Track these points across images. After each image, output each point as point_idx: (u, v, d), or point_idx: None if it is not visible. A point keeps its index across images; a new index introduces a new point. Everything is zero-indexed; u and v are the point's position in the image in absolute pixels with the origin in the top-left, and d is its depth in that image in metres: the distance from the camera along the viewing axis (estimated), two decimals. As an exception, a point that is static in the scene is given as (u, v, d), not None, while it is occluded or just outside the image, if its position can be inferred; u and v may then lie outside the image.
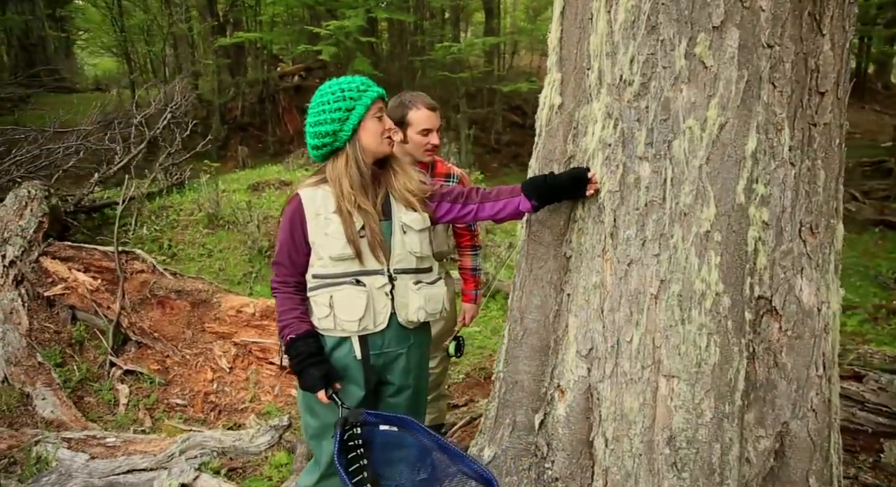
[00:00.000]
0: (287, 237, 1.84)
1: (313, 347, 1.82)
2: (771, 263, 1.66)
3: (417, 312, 1.89)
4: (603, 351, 1.89)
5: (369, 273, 1.83)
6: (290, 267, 1.85)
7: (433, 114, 2.36)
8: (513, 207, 1.88)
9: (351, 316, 1.80)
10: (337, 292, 1.80)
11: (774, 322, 1.72)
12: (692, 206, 1.64)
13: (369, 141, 1.81)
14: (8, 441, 3.00)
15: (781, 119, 1.60)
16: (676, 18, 1.59)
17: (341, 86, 1.80)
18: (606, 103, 1.75)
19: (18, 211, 4.63)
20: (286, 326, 1.84)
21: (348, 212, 1.78)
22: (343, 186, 1.80)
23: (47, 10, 18.15)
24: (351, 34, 11.03)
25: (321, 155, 1.85)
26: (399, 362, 1.94)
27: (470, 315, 2.68)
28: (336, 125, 1.77)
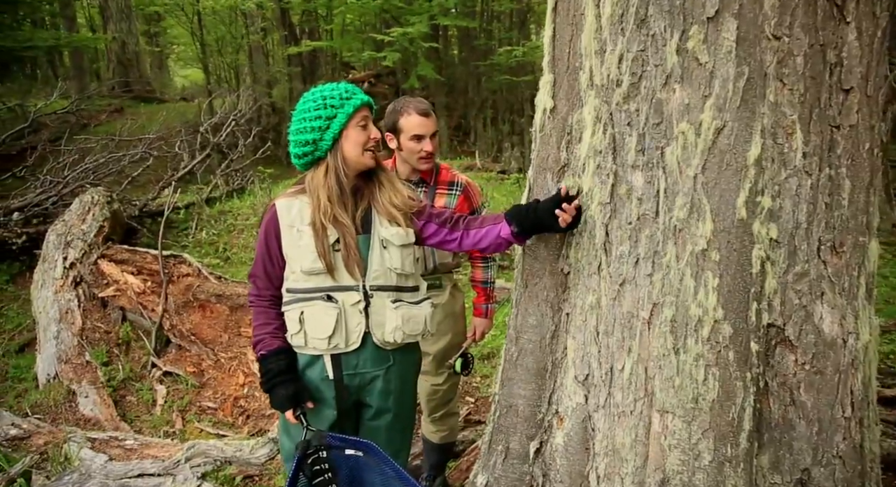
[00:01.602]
0: (262, 249, 1.79)
1: (283, 365, 1.76)
2: (782, 287, 1.44)
3: (394, 333, 1.77)
4: (598, 378, 1.73)
5: (342, 288, 1.74)
6: (266, 279, 1.80)
7: (425, 119, 2.25)
8: (494, 233, 1.77)
9: (320, 334, 1.72)
10: (307, 308, 1.73)
11: (789, 354, 1.49)
12: (686, 221, 1.45)
13: (350, 151, 1.73)
14: (45, 437, 3.15)
15: (792, 121, 1.38)
16: (668, 10, 1.41)
17: (324, 94, 1.72)
18: (595, 106, 1.59)
19: (82, 216, 4.93)
20: (259, 341, 1.78)
21: (322, 224, 1.70)
22: (320, 198, 1.72)
23: (143, 27, 19.54)
24: (415, 40, 11.09)
25: (303, 164, 1.78)
26: (376, 384, 1.84)
27: (481, 330, 2.55)
28: (316, 134, 1.70)
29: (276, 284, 1.80)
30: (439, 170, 2.40)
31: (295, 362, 1.80)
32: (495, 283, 2.61)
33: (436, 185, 2.37)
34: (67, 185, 5.55)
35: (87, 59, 18.07)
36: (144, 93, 16.47)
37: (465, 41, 15.23)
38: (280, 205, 1.77)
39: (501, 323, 4.44)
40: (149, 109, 13.96)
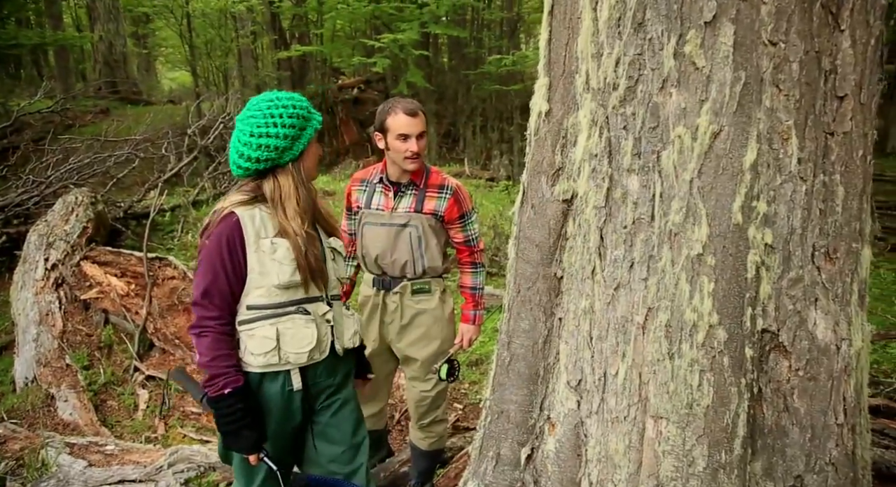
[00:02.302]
0: (223, 263, 1.62)
1: (250, 406, 1.67)
2: (777, 292, 1.44)
3: (353, 338, 1.85)
4: (591, 384, 1.71)
5: (313, 300, 1.74)
6: (223, 300, 1.64)
7: (412, 119, 2.24)
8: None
9: (301, 348, 1.69)
10: (283, 323, 1.67)
11: (783, 359, 1.49)
12: (682, 226, 1.45)
13: (310, 164, 1.75)
14: (22, 442, 3.07)
15: (788, 127, 1.38)
16: (665, 14, 1.41)
17: (292, 102, 1.69)
18: (591, 109, 1.58)
19: (65, 216, 4.85)
20: (220, 375, 1.62)
21: (295, 233, 1.66)
22: (289, 207, 1.67)
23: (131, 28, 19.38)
24: (405, 47, 11.11)
25: (256, 170, 1.68)
26: (326, 391, 1.86)
27: (468, 337, 2.52)
28: (286, 142, 1.65)
29: (235, 300, 1.68)
30: (429, 173, 2.39)
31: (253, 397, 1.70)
32: (484, 289, 2.59)
33: (426, 188, 2.35)
34: (50, 185, 5.46)
35: (72, 59, 17.87)
36: (131, 95, 16.32)
37: (455, 49, 15.29)
38: (242, 214, 1.66)
39: (490, 329, 4.42)
40: (135, 111, 13.82)
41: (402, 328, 2.47)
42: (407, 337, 2.47)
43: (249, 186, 1.71)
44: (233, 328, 1.69)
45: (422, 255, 2.36)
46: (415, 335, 2.47)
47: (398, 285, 2.41)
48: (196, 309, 1.66)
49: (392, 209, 2.36)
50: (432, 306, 2.45)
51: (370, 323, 2.50)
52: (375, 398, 2.66)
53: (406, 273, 2.39)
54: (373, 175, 2.42)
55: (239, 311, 1.69)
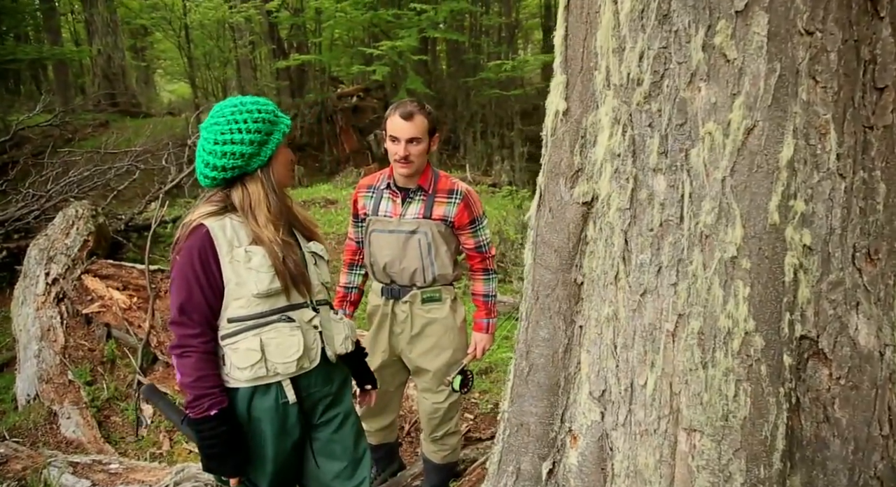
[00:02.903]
0: (195, 279, 1.55)
1: (235, 426, 1.60)
2: (816, 296, 1.36)
3: (344, 343, 1.78)
4: (616, 395, 1.63)
5: (296, 307, 1.67)
6: (202, 315, 1.57)
7: (404, 122, 2.15)
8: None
9: (288, 357, 1.61)
10: (266, 333, 1.60)
11: (823, 367, 1.41)
12: (714, 227, 1.37)
13: (280, 170, 1.67)
14: (24, 462, 2.99)
15: (826, 121, 1.31)
16: (692, 4, 1.34)
17: (258, 107, 1.62)
18: (614, 107, 1.51)
19: (65, 230, 4.78)
20: (204, 396, 1.55)
21: (270, 241, 1.60)
22: (259, 215, 1.61)
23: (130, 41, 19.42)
24: (404, 53, 11.08)
25: (223, 178, 1.61)
26: (323, 402, 1.78)
27: (482, 346, 2.44)
28: (253, 148, 1.58)
29: (216, 315, 1.60)
30: (438, 178, 2.31)
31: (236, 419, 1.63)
32: (497, 296, 2.52)
33: (434, 193, 2.28)
34: (51, 199, 5.40)
35: (71, 73, 17.90)
36: (130, 108, 16.32)
37: (453, 56, 15.28)
38: (212, 225, 1.59)
39: (500, 337, 4.34)
40: (135, 123, 13.81)
41: (412, 338, 2.39)
42: (417, 347, 2.40)
43: (218, 196, 1.65)
44: (216, 345, 1.62)
45: (431, 263, 2.29)
46: (426, 345, 2.39)
47: (407, 294, 2.34)
48: (175, 328, 1.59)
49: (400, 215, 2.28)
50: (443, 315, 2.38)
51: (379, 334, 2.43)
52: (386, 410, 2.58)
53: (415, 281, 2.32)
54: (380, 180, 2.35)
55: (220, 326, 1.62)
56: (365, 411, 2.56)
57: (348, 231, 2.48)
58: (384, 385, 2.50)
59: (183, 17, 11.58)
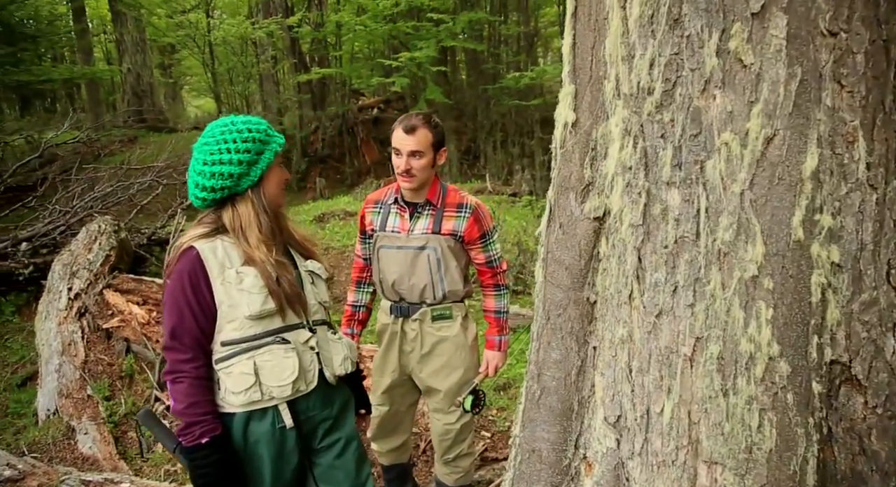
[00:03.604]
0: (188, 301, 1.51)
1: (229, 455, 1.54)
2: (847, 318, 1.25)
3: (344, 363, 1.72)
4: (632, 421, 1.54)
5: (292, 328, 1.61)
6: (194, 340, 1.52)
7: (407, 136, 2.10)
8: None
9: (283, 381, 1.56)
10: (260, 356, 1.55)
11: (857, 395, 1.30)
12: (733, 244, 1.28)
13: (273, 190, 1.63)
14: (40, 479, 2.99)
15: (854, 128, 1.21)
16: (705, 7, 1.26)
17: (248, 126, 1.57)
18: (624, 117, 1.43)
19: (88, 245, 4.83)
20: (196, 423, 1.50)
21: (263, 261, 1.55)
22: (251, 236, 1.57)
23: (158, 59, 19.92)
24: (423, 64, 11.10)
25: (214, 199, 1.57)
26: (323, 426, 1.72)
27: (494, 364, 2.36)
28: (242, 168, 1.54)
29: (209, 339, 1.55)
30: (446, 192, 2.25)
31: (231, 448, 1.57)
32: (508, 312, 2.43)
33: (443, 208, 2.21)
34: (76, 215, 5.48)
35: (103, 91, 18.41)
36: (157, 123, 16.68)
37: (473, 65, 15.28)
38: (202, 247, 1.54)
39: (518, 351, 4.24)
40: (161, 139, 14.09)
41: (422, 357, 2.32)
42: (428, 366, 2.33)
43: (210, 217, 1.61)
44: (210, 371, 1.56)
45: (441, 279, 2.22)
46: (436, 364, 2.32)
47: (417, 311, 2.27)
48: (167, 353, 1.54)
49: (408, 231, 2.22)
50: (454, 333, 2.30)
51: (389, 353, 2.36)
52: (397, 430, 2.51)
53: (425, 298, 2.25)
54: (387, 196, 2.29)
55: (214, 350, 1.57)
56: (376, 431, 2.49)
57: (356, 247, 2.43)
58: (395, 405, 2.43)
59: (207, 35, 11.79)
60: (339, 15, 12.04)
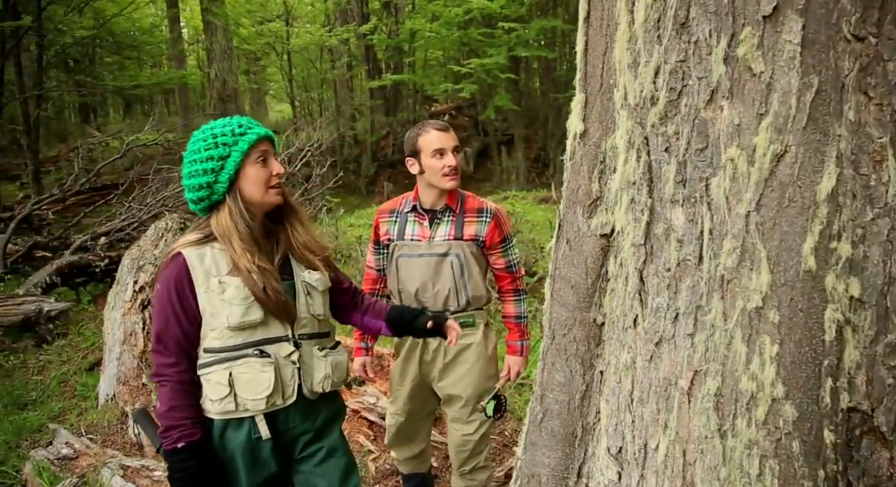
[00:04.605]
0: (172, 307, 1.52)
1: (204, 461, 1.53)
2: (869, 360, 1.10)
3: (323, 382, 1.64)
4: (631, 455, 1.43)
5: (273, 340, 1.57)
6: (182, 342, 1.54)
7: (444, 133, 2.14)
8: (374, 328, 1.95)
9: (257, 394, 1.53)
10: (237, 367, 1.53)
11: (882, 449, 1.14)
12: (736, 271, 1.16)
13: (252, 191, 1.56)
14: (91, 459, 3.17)
15: (882, 145, 1.07)
16: (714, 10, 1.15)
17: (214, 131, 1.55)
18: (628, 129, 1.33)
19: (155, 241, 5.12)
20: (175, 427, 1.51)
21: (247, 270, 1.52)
22: (234, 242, 1.54)
23: (245, 66, 21.02)
24: (492, 71, 11.07)
25: (201, 209, 1.59)
26: (303, 438, 1.68)
27: (516, 369, 2.34)
28: (210, 176, 1.52)
29: (194, 346, 1.56)
30: (465, 198, 2.24)
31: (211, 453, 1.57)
32: (528, 317, 2.39)
33: (463, 213, 2.19)
34: (149, 212, 5.83)
35: (193, 96, 19.61)
36: (240, 127, 17.58)
37: (545, 73, 15.08)
38: (189, 254, 1.54)
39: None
40: (243, 141, 14.80)
41: (445, 365, 2.29)
42: (451, 375, 2.29)
43: (204, 223, 1.61)
44: (191, 377, 1.57)
45: (465, 285, 2.20)
46: (459, 372, 2.28)
47: None
48: (154, 356, 1.57)
49: (430, 238, 2.20)
50: (477, 340, 2.28)
51: (408, 363, 2.34)
52: (415, 439, 2.48)
53: (449, 305, 2.23)
54: (402, 204, 2.28)
55: (199, 355, 1.58)
56: (393, 439, 2.48)
57: (367, 259, 2.43)
58: (413, 413, 2.41)
59: (286, 43, 12.30)
60: (412, 22, 12.22)
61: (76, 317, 5.30)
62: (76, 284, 5.66)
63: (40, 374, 4.43)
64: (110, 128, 15.17)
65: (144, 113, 21.03)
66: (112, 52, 16.80)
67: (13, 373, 4.38)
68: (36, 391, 4.18)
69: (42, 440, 3.51)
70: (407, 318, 1.90)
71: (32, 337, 4.84)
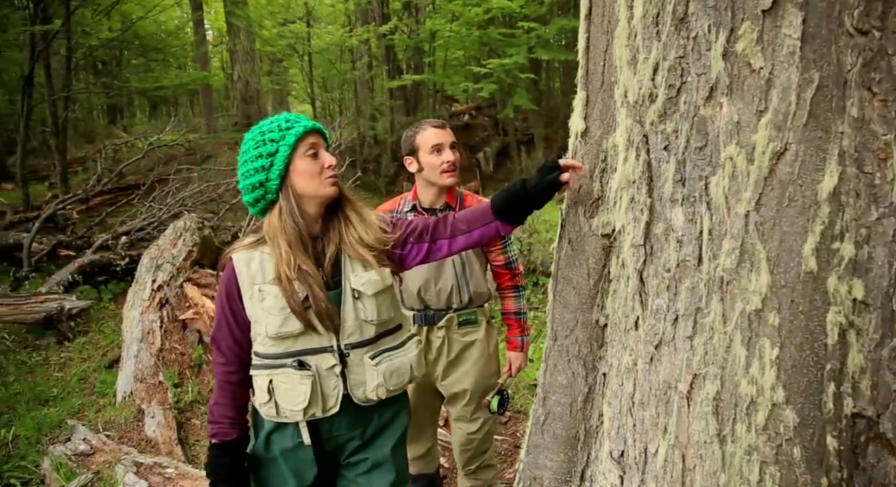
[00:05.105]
0: (222, 312, 1.54)
1: (236, 462, 1.53)
2: (874, 365, 1.07)
3: (377, 390, 1.55)
4: (632, 459, 1.40)
5: (314, 351, 1.52)
6: (232, 345, 1.54)
7: (441, 130, 2.14)
8: (491, 235, 1.63)
9: (294, 405, 1.50)
10: (277, 376, 1.50)
11: (888, 456, 1.10)
12: (735, 272, 1.13)
13: (304, 184, 1.49)
14: (107, 456, 3.23)
15: (887, 142, 1.03)
16: (713, 5, 1.13)
17: (262, 129, 1.51)
18: (628, 127, 1.31)
19: (174, 240, 5.20)
20: (214, 423, 1.54)
21: (288, 278, 1.47)
22: (281, 244, 1.49)
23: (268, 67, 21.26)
24: (511, 71, 11.01)
25: (259, 210, 1.56)
26: (350, 444, 1.64)
27: (517, 365, 2.33)
28: (262, 175, 1.48)
29: (245, 348, 1.55)
30: (463, 197, 2.25)
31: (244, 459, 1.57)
32: (528, 313, 2.39)
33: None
34: (168, 211, 5.92)
35: (217, 97, 19.90)
36: (262, 127, 17.79)
37: (566, 73, 14.97)
38: (238, 259, 1.52)
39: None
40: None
41: (449, 363, 2.29)
42: (454, 372, 2.30)
43: (260, 225, 1.58)
44: (242, 376, 1.57)
45: (467, 282, 2.21)
46: (463, 369, 2.29)
47: (443, 318, 2.25)
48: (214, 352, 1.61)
49: None
50: (480, 337, 2.29)
51: (412, 362, 2.34)
52: (420, 438, 2.47)
53: (452, 303, 2.23)
54: (402, 204, 2.28)
55: (253, 356, 1.57)
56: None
57: None
58: (417, 413, 2.40)
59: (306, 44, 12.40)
60: (432, 22, 12.21)
61: (97, 315, 5.41)
62: (98, 283, 5.77)
63: (61, 371, 4.52)
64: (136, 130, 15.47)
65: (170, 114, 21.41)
66: (138, 54, 17.13)
67: (35, 370, 4.48)
68: (57, 387, 4.26)
69: (61, 436, 3.58)
70: (511, 192, 1.56)
71: (54, 335, 4.94)
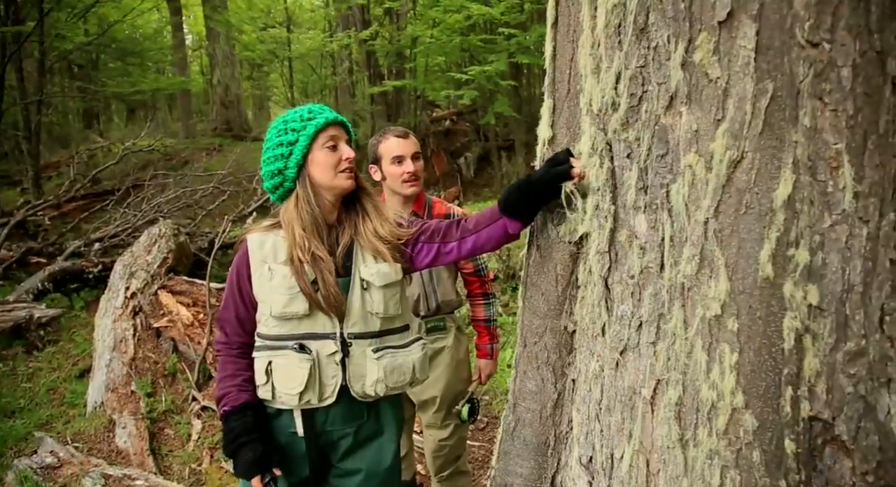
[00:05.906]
0: (232, 289, 1.59)
1: (250, 423, 1.53)
2: (829, 368, 1.09)
3: (375, 386, 1.54)
4: (599, 464, 1.41)
5: (316, 336, 1.52)
6: (236, 324, 1.59)
7: (404, 140, 2.14)
8: (499, 235, 1.53)
9: (290, 389, 1.51)
10: (276, 358, 1.52)
11: (844, 458, 1.12)
12: (695, 278, 1.14)
13: (321, 175, 1.53)
14: (74, 469, 3.16)
15: (837, 151, 1.05)
16: (672, 15, 1.15)
17: (285, 118, 1.56)
18: (592, 135, 1.33)
19: (148, 247, 5.12)
20: (223, 396, 1.56)
21: (300, 260, 1.50)
22: (296, 229, 1.52)
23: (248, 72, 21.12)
24: (492, 78, 11.07)
25: (278, 197, 1.61)
26: (343, 443, 1.61)
27: (486, 372, 2.35)
28: (280, 163, 1.53)
29: (247, 330, 1.60)
30: (432, 204, 2.25)
31: (263, 419, 1.57)
32: (497, 321, 2.39)
33: (430, 219, 2.19)
34: (143, 217, 5.84)
35: (196, 102, 19.71)
36: (241, 132, 17.63)
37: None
38: (252, 240, 1.57)
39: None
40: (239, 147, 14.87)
41: None
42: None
43: (276, 212, 1.64)
44: (243, 352, 1.60)
45: (434, 290, 2.21)
46: (432, 376, 2.27)
47: None
48: (217, 330, 1.65)
49: None
50: (449, 344, 2.29)
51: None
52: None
53: (419, 310, 2.23)
54: None
55: (256, 336, 1.61)
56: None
57: None
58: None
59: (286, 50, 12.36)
60: (413, 28, 12.24)
61: (68, 324, 5.30)
62: (69, 290, 5.66)
63: (29, 381, 4.42)
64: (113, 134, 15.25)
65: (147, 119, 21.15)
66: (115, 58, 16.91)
67: (1, 381, 4.38)
68: (24, 398, 4.17)
69: (27, 448, 3.50)
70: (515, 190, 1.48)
71: (23, 344, 4.83)
